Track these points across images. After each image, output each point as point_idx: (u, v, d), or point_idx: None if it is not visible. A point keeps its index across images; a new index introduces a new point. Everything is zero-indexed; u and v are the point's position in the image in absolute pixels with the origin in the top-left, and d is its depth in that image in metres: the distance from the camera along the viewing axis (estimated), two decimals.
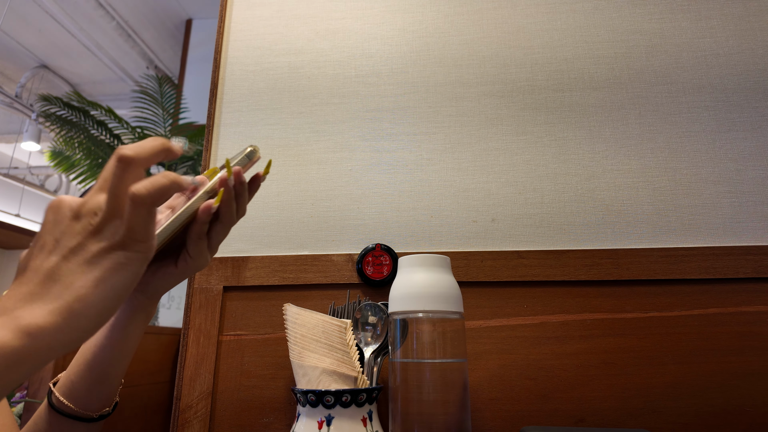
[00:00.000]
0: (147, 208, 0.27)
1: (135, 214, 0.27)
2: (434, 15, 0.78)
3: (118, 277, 0.27)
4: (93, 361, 0.39)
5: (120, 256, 0.27)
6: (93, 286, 0.26)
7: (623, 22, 0.74)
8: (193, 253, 0.37)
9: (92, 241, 0.27)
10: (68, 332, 0.25)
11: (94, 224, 0.27)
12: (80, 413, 0.39)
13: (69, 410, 0.39)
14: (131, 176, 0.28)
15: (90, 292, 0.26)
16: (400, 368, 0.47)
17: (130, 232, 0.27)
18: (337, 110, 0.76)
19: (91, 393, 0.39)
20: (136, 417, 1.34)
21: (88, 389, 0.39)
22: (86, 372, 0.39)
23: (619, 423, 0.58)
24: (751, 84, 0.69)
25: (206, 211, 0.35)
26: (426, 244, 0.68)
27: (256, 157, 0.39)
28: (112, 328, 0.39)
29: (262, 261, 0.69)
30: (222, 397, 0.64)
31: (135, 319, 0.39)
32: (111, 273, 0.26)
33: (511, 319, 0.63)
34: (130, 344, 0.40)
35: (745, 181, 0.66)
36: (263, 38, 0.81)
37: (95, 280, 0.26)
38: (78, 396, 0.39)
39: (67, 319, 0.25)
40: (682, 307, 0.61)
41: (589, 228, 0.66)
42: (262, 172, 0.40)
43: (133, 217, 0.27)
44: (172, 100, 2.67)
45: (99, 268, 0.26)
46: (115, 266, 0.27)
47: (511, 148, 0.71)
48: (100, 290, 0.26)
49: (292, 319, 0.54)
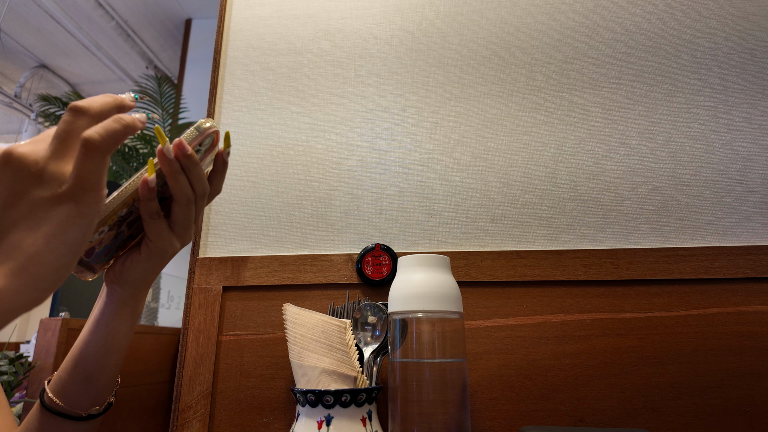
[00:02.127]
0: (101, 155, 0.26)
1: (87, 161, 0.25)
2: (434, 15, 0.78)
3: (71, 232, 0.25)
4: (80, 357, 0.38)
5: (71, 208, 0.25)
6: (44, 242, 0.24)
7: (622, 22, 0.74)
8: (152, 235, 0.35)
9: (37, 190, 0.25)
10: (26, 293, 0.24)
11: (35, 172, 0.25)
12: (68, 411, 0.38)
13: (58, 408, 0.38)
14: (81, 125, 0.27)
15: (42, 249, 0.24)
16: (399, 368, 0.47)
17: (80, 180, 0.25)
18: (337, 110, 0.76)
19: (79, 391, 0.39)
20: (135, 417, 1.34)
21: (77, 387, 0.38)
22: (74, 369, 0.38)
23: (619, 423, 0.58)
24: (750, 84, 0.69)
25: (144, 186, 0.33)
26: (425, 244, 0.68)
27: (208, 129, 0.36)
28: (97, 324, 0.38)
29: (262, 261, 0.69)
30: (221, 397, 0.64)
31: (120, 313, 0.38)
32: (62, 227, 0.25)
33: (510, 319, 0.63)
34: (117, 340, 0.39)
35: (745, 181, 0.66)
36: (263, 38, 0.81)
37: (45, 235, 0.24)
38: (67, 394, 0.38)
39: (22, 279, 0.24)
40: (681, 307, 0.62)
41: (588, 228, 0.66)
42: (223, 146, 0.38)
43: (84, 164, 0.25)
44: (172, 100, 2.67)
45: (48, 223, 0.24)
46: (66, 219, 0.25)
47: (511, 148, 0.71)
48: (52, 246, 0.24)
49: (292, 319, 0.54)
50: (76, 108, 0.27)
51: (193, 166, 0.35)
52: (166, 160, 0.33)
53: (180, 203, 0.35)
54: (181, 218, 0.36)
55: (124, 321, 0.39)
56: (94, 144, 0.25)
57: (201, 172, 0.36)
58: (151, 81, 2.64)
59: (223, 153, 0.38)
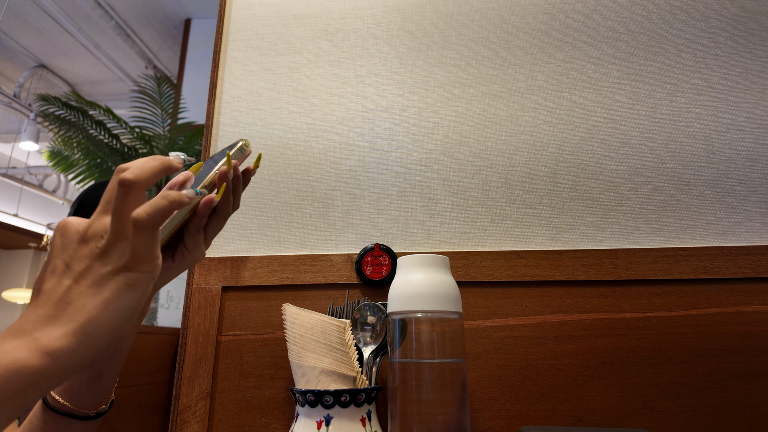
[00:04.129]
0: (149, 231, 0.29)
1: (138, 237, 0.28)
2: (433, 15, 0.78)
3: (127, 298, 0.28)
4: None
5: (127, 277, 0.28)
6: (103, 307, 0.27)
7: (622, 22, 0.74)
8: (191, 247, 0.38)
9: (99, 263, 0.28)
10: (82, 351, 0.26)
11: (101, 247, 0.29)
12: (77, 411, 0.39)
13: (65, 409, 0.39)
14: (133, 199, 0.30)
15: (100, 313, 0.27)
16: (399, 368, 0.47)
17: (135, 254, 0.28)
18: (336, 110, 0.76)
19: (88, 391, 0.39)
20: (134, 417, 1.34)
21: (85, 387, 0.39)
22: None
23: (618, 423, 0.58)
24: (749, 85, 0.70)
25: (207, 206, 0.36)
26: (425, 244, 0.68)
27: (248, 151, 0.40)
28: None
29: (261, 261, 0.69)
30: (221, 397, 0.64)
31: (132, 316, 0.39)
32: (119, 294, 0.28)
33: (509, 319, 0.63)
34: (125, 341, 0.40)
35: (744, 182, 0.66)
36: (262, 38, 0.81)
37: (104, 301, 0.27)
38: (74, 394, 0.39)
39: (81, 339, 0.26)
40: (680, 307, 0.62)
41: (587, 228, 0.66)
42: (253, 165, 0.41)
43: (136, 240, 0.28)
44: (171, 99, 2.67)
45: (107, 290, 0.28)
46: (123, 287, 0.28)
47: (510, 149, 0.71)
48: (110, 311, 0.27)
49: (291, 319, 0.54)
50: (125, 183, 0.29)
51: (240, 185, 0.39)
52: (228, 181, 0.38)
53: (220, 217, 0.39)
54: (214, 230, 0.40)
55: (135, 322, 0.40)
56: (142, 223, 0.28)
57: (241, 191, 0.40)
58: (151, 81, 2.64)
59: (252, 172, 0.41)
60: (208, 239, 0.40)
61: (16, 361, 0.24)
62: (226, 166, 0.37)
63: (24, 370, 0.24)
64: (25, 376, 0.24)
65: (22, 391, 0.24)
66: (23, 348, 0.25)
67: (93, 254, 0.29)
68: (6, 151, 4.19)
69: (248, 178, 0.41)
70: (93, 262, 0.28)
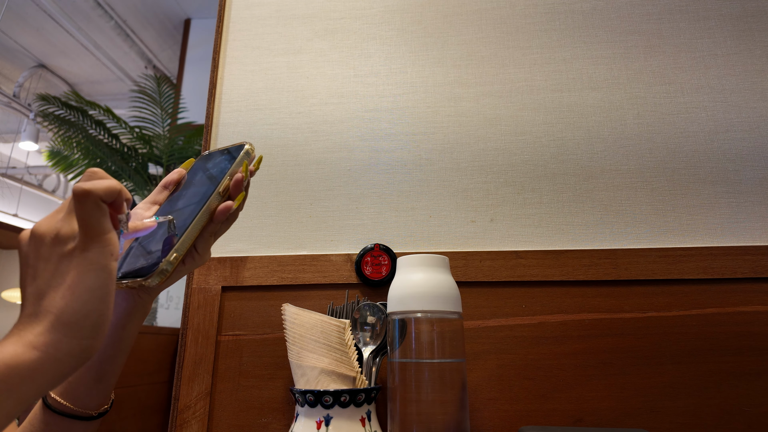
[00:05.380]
0: (93, 200, 0.28)
1: (81, 208, 0.28)
2: (433, 15, 0.78)
3: (90, 279, 0.28)
4: (91, 360, 0.39)
5: (84, 257, 0.28)
6: (69, 294, 0.27)
7: (621, 22, 0.74)
8: (201, 250, 0.40)
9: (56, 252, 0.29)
10: (67, 342, 0.27)
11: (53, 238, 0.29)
12: (79, 412, 0.39)
13: (66, 409, 0.39)
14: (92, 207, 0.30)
15: (69, 300, 0.27)
16: (398, 368, 0.47)
17: (83, 230, 0.28)
18: (336, 110, 0.76)
19: (91, 391, 0.39)
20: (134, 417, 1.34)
21: (87, 388, 0.39)
22: (84, 371, 0.39)
23: (618, 423, 0.58)
24: (749, 85, 0.70)
25: (225, 212, 0.37)
26: (425, 244, 0.68)
27: (253, 155, 0.41)
28: (110, 327, 0.39)
29: (261, 261, 0.69)
30: (220, 398, 0.64)
31: (134, 316, 0.40)
32: (81, 277, 0.28)
33: (509, 319, 0.63)
34: (128, 341, 0.40)
35: (743, 182, 0.66)
36: (262, 38, 0.81)
37: (68, 287, 0.27)
38: (76, 395, 0.39)
39: (61, 330, 0.27)
40: (680, 307, 0.62)
41: (587, 228, 0.66)
42: (253, 167, 0.42)
43: (81, 213, 0.28)
44: (171, 99, 2.67)
45: (69, 276, 0.28)
46: (83, 270, 0.28)
47: (510, 149, 0.71)
48: (77, 296, 0.27)
49: (291, 319, 0.54)
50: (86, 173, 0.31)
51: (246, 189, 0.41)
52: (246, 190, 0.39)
53: (229, 221, 0.41)
54: (221, 233, 0.41)
55: (136, 323, 0.41)
56: (83, 190, 0.28)
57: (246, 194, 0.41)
58: (150, 81, 2.64)
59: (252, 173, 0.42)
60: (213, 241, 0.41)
61: (7, 356, 0.25)
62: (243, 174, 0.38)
63: (15, 364, 0.25)
64: (18, 370, 0.25)
65: (17, 387, 0.25)
66: (12, 345, 0.26)
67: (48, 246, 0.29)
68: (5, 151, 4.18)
69: (247, 180, 0.42)
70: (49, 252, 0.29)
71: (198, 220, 0.36)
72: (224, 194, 0.38)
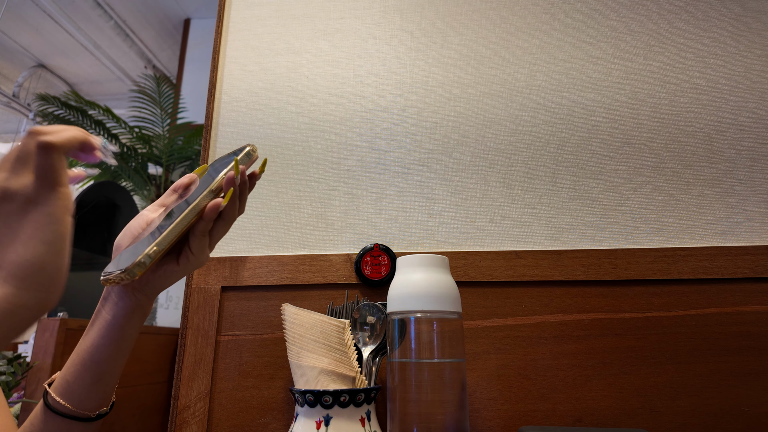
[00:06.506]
0: (57, 152, 0.28)
1: (43, 159, 0.27)
2: (433, 15, 0.78)
3: (46, 232, 0.27)
4: (90, 361, 0.39)
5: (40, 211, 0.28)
6: (23, 248, 0.27)
7: (621, 22, 0.74)
8: (195, 250, 0.39)
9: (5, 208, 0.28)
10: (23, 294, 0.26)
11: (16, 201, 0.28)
12: (78, 413, 0.39)
13: (66, 410, 0.39)
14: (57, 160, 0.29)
15: (21, 253, 0.27)
16: (398, 368, 0.47)
17: (40, 180, 0.28)
18: (336, 110, 0.76)
19: (90, 393, 0.39)
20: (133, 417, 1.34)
21: (86, 389, 0.39)
22: (83, 372, 0.39)
23: (617, 423, 0.58)
24: (748, 84, 0.70)
25: (214, 210, 0.37)
26: (424, 244, 0.68)
27: (255, 156, 0.40)
28: (109, 328, 0.39)
29: (261, 261, 0.69)
30: (220, 398, 0.64)
31: (133, 317, 0.39)
32: (36, 231, 0.27)
33: (509, 319, 0.63)
34: (127, 343, 0.40)
35: (743, 182, 0.66)
36: (261, 38, 0.81)
37: (23, 242, 0.27)
38: (75, 396, 0.39)
39: (13, 282, 0.26)
40: (679, 307, 0.62)
41: (587, 228, 0.66)
42: (258, 170, 0.41)
43: (41, 163, 0.27)
44: (171, 99, 2.67)
45: (23, 231, 0.27)
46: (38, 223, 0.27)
47: (510, 148, 0.71)
48: (31, 249, 0.27)
49: (291, 319, 0.54)
50: (34, 130, 0.29)
51: (246, 190, 0.40)
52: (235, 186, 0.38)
53: (226, 221, 0.40)
54: (219, 234, 0.40)
55: (136, 324, 0.40)
56: (48, 142, 0.27)
57: (246, 196, 0.41)
58: (150, 81, 2.64)
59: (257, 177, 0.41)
60: (213, 243, 0.40)
61: None
62: (234, 171, 0.38)
63: None
64: None
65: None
66: None
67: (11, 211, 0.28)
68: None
69: (253, 182, 0.41)
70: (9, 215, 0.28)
71: (184, 216, 0.36)
72: (216, 193, 0.38)
